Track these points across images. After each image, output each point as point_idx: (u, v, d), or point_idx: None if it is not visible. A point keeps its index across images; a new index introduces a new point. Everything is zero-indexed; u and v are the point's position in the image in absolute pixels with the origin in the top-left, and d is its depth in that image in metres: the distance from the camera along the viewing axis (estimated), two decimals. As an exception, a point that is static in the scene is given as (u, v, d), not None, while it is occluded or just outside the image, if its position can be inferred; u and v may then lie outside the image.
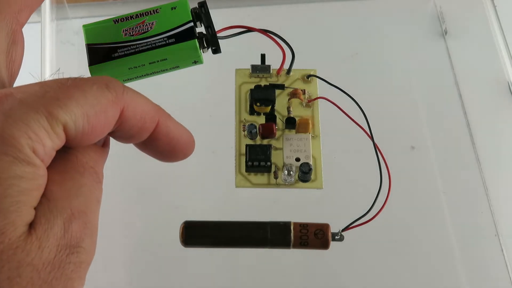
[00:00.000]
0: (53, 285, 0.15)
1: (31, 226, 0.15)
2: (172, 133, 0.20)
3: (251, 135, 0.33)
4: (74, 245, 0.16)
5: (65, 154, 0.17)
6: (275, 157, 0.33)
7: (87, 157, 0.18)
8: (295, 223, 0.28)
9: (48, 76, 0.42)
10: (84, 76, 0.17)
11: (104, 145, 0.20)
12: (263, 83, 0.34)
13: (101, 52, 0.39)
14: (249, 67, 0.35)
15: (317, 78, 0.35)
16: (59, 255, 0.15)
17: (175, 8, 0.26)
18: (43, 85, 0.16)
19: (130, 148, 0.21)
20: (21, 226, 0.15)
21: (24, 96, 0.16)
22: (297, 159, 0.32)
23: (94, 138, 0.17)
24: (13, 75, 0.19)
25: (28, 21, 0.21)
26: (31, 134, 0.15)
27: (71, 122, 0.16)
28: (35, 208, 0.16)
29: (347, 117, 0.31)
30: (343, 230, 0.29)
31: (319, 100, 0.34)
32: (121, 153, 0.29)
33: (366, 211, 0.29)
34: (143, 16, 0.26)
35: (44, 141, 0.15)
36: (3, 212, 0.14)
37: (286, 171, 0.31)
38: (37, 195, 0.16)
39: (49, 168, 0.16)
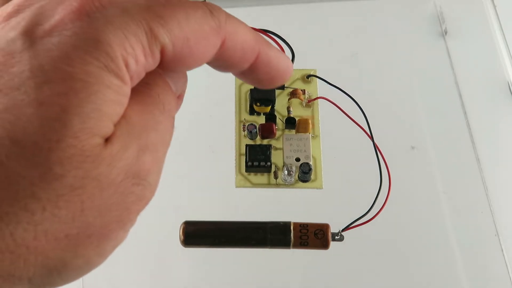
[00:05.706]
0: (111, 209, 0.14)
1: (107, 141, 0.14)
2: (272, 63, 0.19)
3: (251, 135, 0.33)
4: (142, 177, 0.15)
5: (147, 90, 0.16)
6: (275, 157, 0.33)
7: (167, 100, 0.17)
8: (295, 223, 0.28)
9: None
10: None
11: (179, 97, 0.19)
12: (263, 83, 0.34)
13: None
14: (249, 67, 0.35)
15: (317, 78, 0.35)
16: (126, 181, 0.15)
17: None
18: None
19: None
20: (98, 136, 0.14)
21: (128, 6, 0.15)
22: (297, 159, 0.32)
23: (191, 64, 0.16)
24: None
25: None
26: (127, 46, 0.14)
27: (170, 44, 0.15)
28: (114, 125, 0.15)
29: (347, 117, 0.31)
30: (343, 230, 0.29)
31: (319, 100, 0.34)
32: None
33: (366, 211, 0.29)
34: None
35: (139, 57, 0.15)
36: (83, 116, 0.13)
37: (286, 171, 0.31)
38: (119, 111, 0.15)
39: (131, 94, 0.15)
